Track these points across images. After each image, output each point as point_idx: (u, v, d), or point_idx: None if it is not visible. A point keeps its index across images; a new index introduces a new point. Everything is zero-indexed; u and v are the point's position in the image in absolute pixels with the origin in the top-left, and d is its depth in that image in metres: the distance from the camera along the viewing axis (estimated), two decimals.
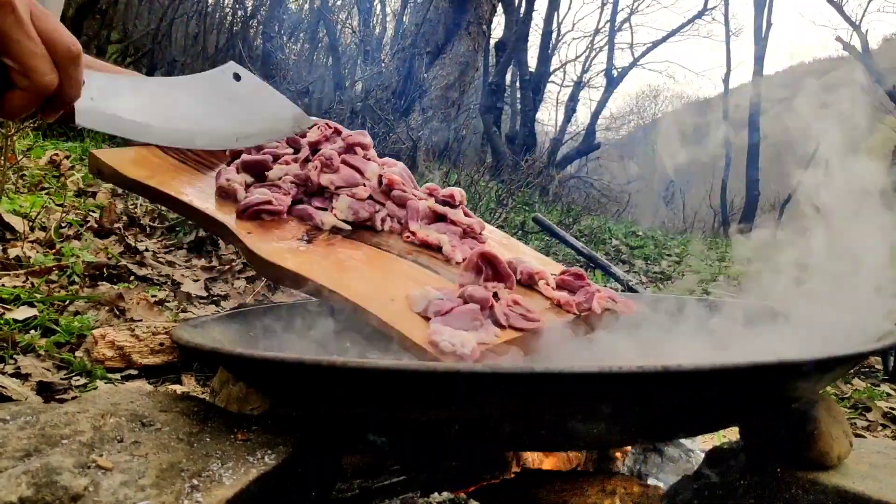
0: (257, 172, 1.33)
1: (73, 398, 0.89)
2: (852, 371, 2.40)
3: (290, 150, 1.39)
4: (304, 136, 1.41)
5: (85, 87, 0.89)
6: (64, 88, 0.84)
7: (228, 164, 1.37)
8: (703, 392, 0.72)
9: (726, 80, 19.58)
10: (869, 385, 2.32)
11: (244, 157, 1.34)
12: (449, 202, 1.33)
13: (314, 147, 1.39)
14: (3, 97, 0.80)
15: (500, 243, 1.43)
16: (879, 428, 1.99)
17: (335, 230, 1.27)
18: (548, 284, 1.20)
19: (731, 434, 1.35)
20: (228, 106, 1.18)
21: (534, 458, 1.18)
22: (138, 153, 1.29)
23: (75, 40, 0.83)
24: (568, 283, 1.22)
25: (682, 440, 1.29)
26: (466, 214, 1.34)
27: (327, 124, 1.43)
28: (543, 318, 1.10)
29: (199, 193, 1.29)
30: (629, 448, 1.26)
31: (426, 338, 0.99)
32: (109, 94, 1.02)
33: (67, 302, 1.87)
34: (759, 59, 16.04)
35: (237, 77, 1.19)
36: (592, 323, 1.18)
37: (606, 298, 1.21)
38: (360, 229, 1.30)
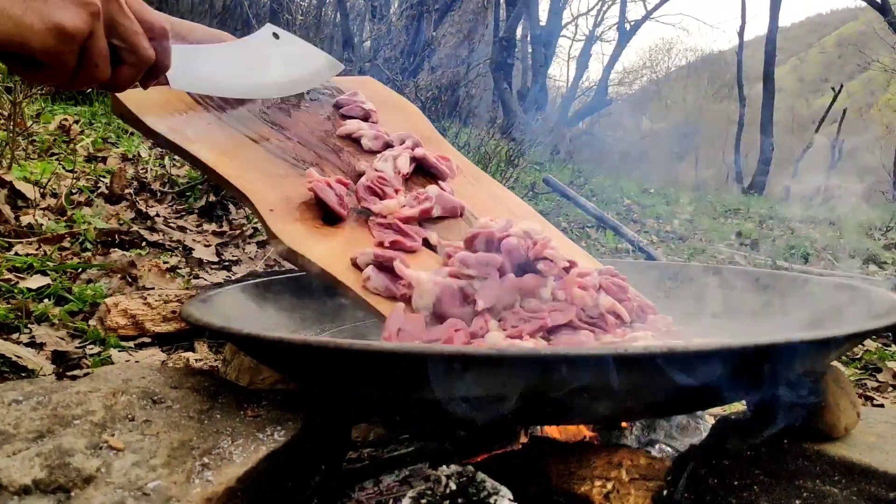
0: None
1: (86, 374, 0.89)
2: None
3: None
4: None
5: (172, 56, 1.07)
6: (159, 59, 1.02)
7: None
8: (710, 372, 0.72)
9: (741, 33, 19.22)
10: (880, 346, 2.31)
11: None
12: None
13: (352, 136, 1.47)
14: (114, 72, 0.96)
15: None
16: (889, 389, 1.99)
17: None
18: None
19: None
20: (277, 60, 1.43)
21: (542, 428, 1.19)
22: (162, 95, 1.28)
23: (162, 18, 1.03)
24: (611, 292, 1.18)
25: None
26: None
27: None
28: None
29: (220, 155, 1.26)
30: None
31: None
32: (190, 61, 1.20)
33: (80, 270, 1.88)
34: (775, 11, 15.69)
35: (276, 36, 1.44)
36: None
37: (643, 307, 1.20)
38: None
